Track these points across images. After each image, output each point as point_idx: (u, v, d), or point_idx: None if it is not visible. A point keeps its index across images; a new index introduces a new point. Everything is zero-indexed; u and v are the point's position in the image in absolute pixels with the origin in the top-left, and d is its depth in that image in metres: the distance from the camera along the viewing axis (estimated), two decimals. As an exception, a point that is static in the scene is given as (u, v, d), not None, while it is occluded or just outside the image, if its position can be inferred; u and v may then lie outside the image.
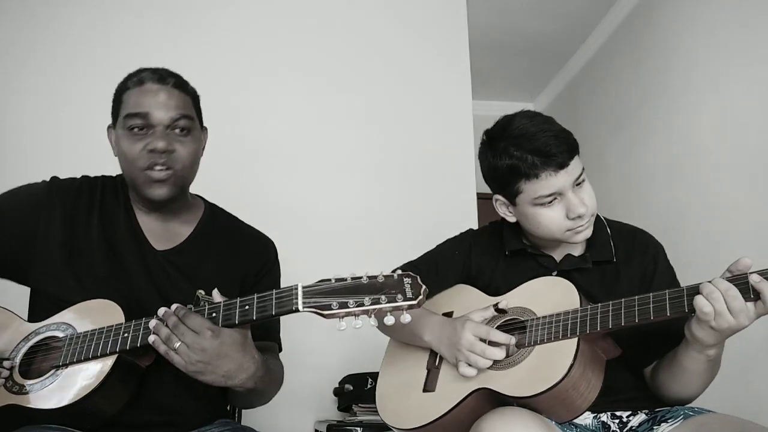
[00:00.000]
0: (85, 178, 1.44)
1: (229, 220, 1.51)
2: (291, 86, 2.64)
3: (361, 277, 1.07)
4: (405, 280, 1.07)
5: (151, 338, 1.13)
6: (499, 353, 1.25)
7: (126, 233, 1.37)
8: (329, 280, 1.07)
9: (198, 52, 2.50)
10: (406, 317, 1.06)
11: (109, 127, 1.40)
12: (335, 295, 1.05)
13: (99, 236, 1.35)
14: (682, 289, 1.13)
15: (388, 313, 1.05)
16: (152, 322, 1.14)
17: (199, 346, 1.10)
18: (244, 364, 1.16)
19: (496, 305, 1.34)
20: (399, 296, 1.04)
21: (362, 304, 1.04)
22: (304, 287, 1.07)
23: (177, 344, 1.11)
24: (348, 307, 1.04)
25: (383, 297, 1.04)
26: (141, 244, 1.37)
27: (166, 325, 1.12)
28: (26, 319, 1.32)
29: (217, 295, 1.18)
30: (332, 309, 1.04)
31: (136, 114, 1.29)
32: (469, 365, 1.26)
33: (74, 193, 1.39)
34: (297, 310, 1.07)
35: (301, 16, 2.72)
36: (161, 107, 1.30)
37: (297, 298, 1.06)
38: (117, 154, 1.36)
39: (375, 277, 1.07)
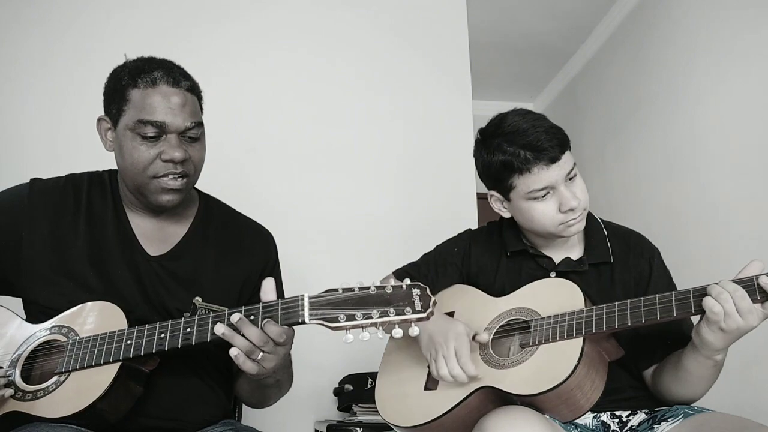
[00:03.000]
0: (69, 176, 1.36)
1: (225, 214, 1.45)
2: (291, 85, 2.63)
3: (368, 287, 1.04)
4: (414, 291, 1.04)
5: (233, 351, 1.07)
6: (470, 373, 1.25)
7: (117, 238, 1.30)
8: (336, 290, 1.05)
9: (197, 52, 2.49)
10: (414, 330, 1.04)
11: (101, 118, 1.30)
12: (342, 306, 1.03)
13: (87, 243, 1.28)
14: (689, 290, 1.15)
15: (396, 326, 1.03)
16: (220, 328, 1.08)
17: (277, 354, 1.10)
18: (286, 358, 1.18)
19: (474, 336, 1.33)
20: (408, 309, 1.02)
21: (370, 317, 1.01)
22: (310, 298, 1.05)
23: (259, 355, 1.09)
24: (355, 320, 1.01)
25: (392, 309, 1.02)
26: (133, 249, 1.30)
27: (243, 336, 1.07)
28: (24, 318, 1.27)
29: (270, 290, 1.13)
30: (339, 321, 1.02)
31: (151, 122, 1.21)
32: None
33: (58, 195, 1.31)
34: (303, 322, 1.04)
35: (301, 14, 2.71)
36: (177, 114, 1.23)
37: (303, 310, 1.04)
38: (114, 149, 1.29)
39: (383, 287, 1.04)
